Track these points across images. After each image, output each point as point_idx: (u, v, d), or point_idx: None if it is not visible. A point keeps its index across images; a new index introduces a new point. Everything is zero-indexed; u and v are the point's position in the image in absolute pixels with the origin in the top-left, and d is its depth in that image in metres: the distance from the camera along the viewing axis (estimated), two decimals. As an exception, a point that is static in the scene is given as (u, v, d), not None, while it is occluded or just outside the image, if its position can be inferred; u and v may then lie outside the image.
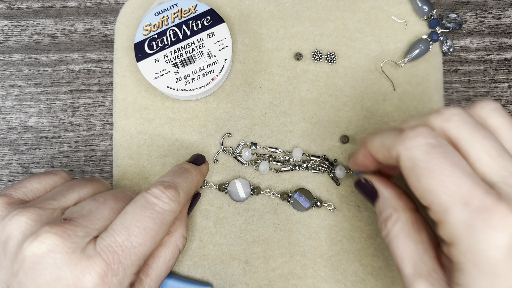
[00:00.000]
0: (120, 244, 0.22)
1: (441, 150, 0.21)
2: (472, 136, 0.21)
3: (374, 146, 0.25)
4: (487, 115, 0.23)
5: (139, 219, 0.23)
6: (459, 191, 0.19)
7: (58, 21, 0.36)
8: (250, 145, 0.34)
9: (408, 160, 0.21)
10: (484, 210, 0.19)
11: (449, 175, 0.20)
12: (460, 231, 0.19)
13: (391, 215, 0.25)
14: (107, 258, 0.21)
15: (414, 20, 0.35)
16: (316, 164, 0.33)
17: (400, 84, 0.34)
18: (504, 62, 0.35)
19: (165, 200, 0.24)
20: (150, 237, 0.23)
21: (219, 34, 0.33)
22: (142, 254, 0.23)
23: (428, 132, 0.21)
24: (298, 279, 0.33)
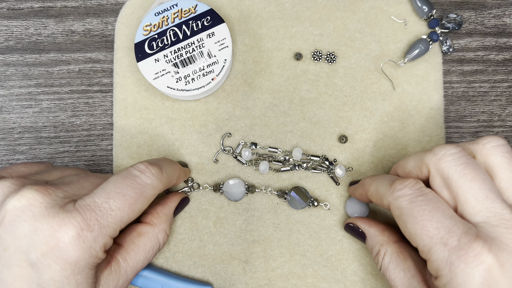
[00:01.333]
0: (99, 205, 0.23)
1: (424, 198, 0.23)
2: (461, 178, 0.23)
3: (370, 191, 0.28)
4: (488, 152, 0.24)
5: (119, 186, 0.24)
6: (438, 232, 0.22)
7: (58, 21, 0.36)
8: (250, 145, 0.34)
9: (397, 209, 0.24)
10: (460, 248, 0.21)
11: (429, 219, 0.23)
12: (441, 267, 0.22)
13: (380, 251, 0.28)
14: (84, 214, 0.22)
15: (414, 20, 0.35)
16: (316, 164, 0.34)
17: (400, 84, 0.34)
18: (503, 62, 0.35)
19: (148, 174, 0.25)
20: (129, 204, 0.24)
21: (219, 34, 0.33)
22: (119, 218, 0.23)
23: (413, 184, 0.24)
24: (298, 278, 0.33)
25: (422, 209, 0.23)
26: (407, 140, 0.34)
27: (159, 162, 0.28)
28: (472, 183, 0.23)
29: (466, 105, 0.35)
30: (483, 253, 0.21)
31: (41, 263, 0.21)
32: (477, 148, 0.25)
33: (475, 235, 0.21)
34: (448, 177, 0.24)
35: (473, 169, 0.23)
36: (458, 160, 0.24)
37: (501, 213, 0.22)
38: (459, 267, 0.21)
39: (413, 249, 0.28)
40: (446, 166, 0.24)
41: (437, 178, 0.24)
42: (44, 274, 0.21)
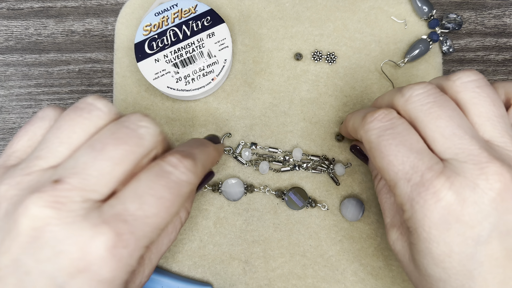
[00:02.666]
0: (132, 213, 0.19)
1: (392, 131, 0.23)
2: (427, 117, 0.23)
3: (349, 126, 0.28)
4: (458, 88, 0.24)
5: (153, 187, 0.20)
6: (403, 168, 0.22)
7: (58, 21, 0.36)
8: (250, 145, 0.34)
9: (367, 143, 0.24)
10: (422, 184, 0.21)
11: (395, 154, 0.22)
12: (404, 202, 0.22)
13: (377, 174, 0.29)
14: (117, 228, 0.19)
15: (414, 21, 0.35)
16: (316, 164, 0.34)
17: (400, 84, 0.34)
18: (503, 62, 0.35)
19: (182, 169, 0.21)
20: (165, 208, 0.20)
21: (219, 34, 0.33)
22: (156, 225, 0.20)
23: (384, 116, 0.24)
24: (298, 279, 0.33)
25: (388, 143, 0.23)
26: (407, 140, 0.34)
27: (191, 151, 0.23)
28: (438, 121, 0.22)
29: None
30: (442, 190, 0.21)
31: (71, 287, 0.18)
32: (447, 85, 0.24)
33: (439, 171, 0.21)
34: (415, 117, 0.23)
35: (439, 107, 0.23)
36: (424, 99, 0.23)
37: (470, 149, 0.21)
38: (419, 203, 0.21)
39: None
40: (412, 107, 0.23)
41: (406, 119, 0.24)
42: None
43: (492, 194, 0.20)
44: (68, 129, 0.21)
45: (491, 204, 0.20)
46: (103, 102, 0.21)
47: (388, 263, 0.33)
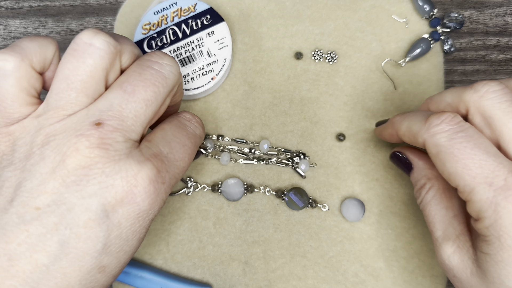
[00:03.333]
0: (166, 155, 0.22)
1: (464, 134, 0.22)
2: (506, 116, 0.22)
3: (402, 130, 0.26)
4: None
5: (178, 135, 0.23)
6: (482, 172, 0.21)
7: (57, 20, 0.35)
8: (217, 137, 0.33)
9: (434, 147, 0.23)
10: (508, 188, 0.20)
11: (471, 158, 0.21)
12: (485, 209, 0.21)
13: (425, 184, 0.26)
14: (157, 165, 0.21)
15: (415, 20, 0.35)
16: (281, 158, 0.33)
17: (401, 83, 0.34)
18: (505, 62, 0.35)
19: (196, 124, 0.25)
20: (188, 154, 0.23)
21: (219, 33, 0.32)
22: (182, 168, 0.23)
23: (451, 119, 0.22)
24: (299, 280, 0.33)
25: (462, 146, 0.21)
26: (408, 140, 0.34)
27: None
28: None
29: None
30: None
31: (111, 221, 0.19)
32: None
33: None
34: (491, 115, 0.22)
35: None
36: (502, 97, 0.22)
37: None
38: (506, 208, 0.20)
39: None
40: (489, 104, 0.22)
41: (478, 116, 0.23)
42: (112, 232, 0.19)
43: None
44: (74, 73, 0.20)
45: None
46: (101, 40, 0.20)
47: (389, 264, 0.32)
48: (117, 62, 0.21)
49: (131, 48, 0.22)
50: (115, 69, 0.21)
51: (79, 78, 0.20)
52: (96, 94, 0.21)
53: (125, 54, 0.22)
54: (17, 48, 0.20)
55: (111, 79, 0.22)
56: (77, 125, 0.19)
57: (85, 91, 0.20)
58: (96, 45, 0.20)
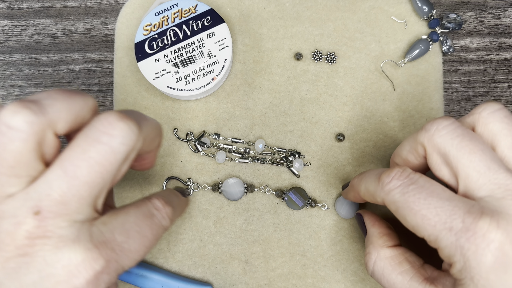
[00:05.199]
0: (119, 244, 0.20)
1: (415, 186, 0.22)
2: (459, 151, 0.22)
3: (361, 191, 0.26)
4: (486, 120, 0.23)
5: (141, 225, 0.22)
6: (440, 219, 0.21)
7: (58, 21, 0.36)
8: (213, 135, 0.34)
9: (391, 204, 0.23)
10: (467, 230, 0.20)
11: (427, 207, 0.21)
12: (453, 253, 0.21)
13: (370, 253, 0.27)
14: (106, 255, 0.19)
15: (414, 20, 0.35)
16: (276, 158, 0.34)
17: (400, 84, 0.34)
18: (503, 62, 0.35)
19: (164, 215, 0.23)
20: (145, 246, 0.22)
21: (219, 34, 0.33)
22: (134, 260, 0.21)
23: (400, 174, 0.23)
24: (298, 278, 0.33)
25: (416, 198, 0.22)
26: (407, 140, 0.34)
27: (171, 199, 0.25)
28: (472, 156, 0.21)
29: (466, 105, 0.35)
30: (491, 230, 0.19)
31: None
32: (474, 119, 0.23)
33: (480, 212, 0.20)
34: (445, 152, 0.22)
35: (470, 140, 0.22)
36: (453, 132, 0.22)
37: (506, 183, 0.21)
38: (470, 250, 0.20)
39: (410, 251, 0.27)
40: (442, 141, 0.22)
41: (434, 155, 0.23)
42: None
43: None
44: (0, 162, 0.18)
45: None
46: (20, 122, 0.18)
47: (388, 263, 0.33)
48: (49, 135, 0.19)
49: (66, 114, 0.19)
50: (48, 143, 0.19)
51: (5, 164, 0.18)
52: (31, 172, 0.19)
53: (59, 123, 0.19)
54: None
55: (48, 152, 0.20)
56: (15, 211, 0.18)
57: (15, 174, 0.18)
58: (16, 127, 0.18)
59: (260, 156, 0.34)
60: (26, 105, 0.18)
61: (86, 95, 0.21)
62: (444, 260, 0.22)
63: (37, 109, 0.18)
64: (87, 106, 0.21)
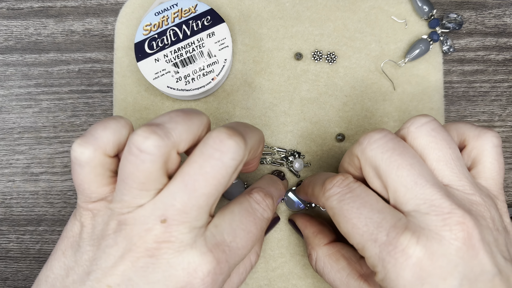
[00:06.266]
0: (228, 243, 0.22)
1: (351, 195, 0.23)
2: (388, 166, 0.22)
3: (308, 193, 0.28)
4: (414, 134, 0.23)
5: (245, 222, 0.23)
6: (368, 229, 0.22)
7: (58, 21, 0.36)
8: None
9: (329, 210, 0.24)
10: (389, 243, 0.21)
11: (358, 217, 0.22)
12: (375, 264, 0.22)
13: (310, 254, 0.29)
14: (218, 257, 0.21)
15: (414, 20, 0.35)
16: (276, 158, 0.34)
17: (400, 84, 0.34)
18: (504, 62, 0.35)
19: (265, 207, 0.25)
20: (251, 241, 0.23)
21: (219, 34, 0.33)
22: (243, 256, 0.23)
23: (341, 181, 0.24)
24: (298, 279, 0.33)
25: (350, 207, 0.23)
26: (407, 140, 0.34)
27: (270, 188, 0.27)
28: (400, 171, 0.22)
29: (466, 105, 0.35)
30: (410, 246, 0.20)
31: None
32: (404, 133, 0.24)
33: (404, 227, 0.21)
34: (376, 166, 0.23)
35: (399, 155, 0.22)
36: (383, 146, 0.23)
37: (431, 199, 0.21)
38: (390, 263, 0.21)
39: (348, 246, 0.28)
40: (373, 155, 0.23)
41: (367, 168, 0.24)
42: None
43: (458, 244, 0.20)
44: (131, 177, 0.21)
45: (458, 254, 0.20)
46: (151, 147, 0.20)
47: (388, 263, 0.33)
48: (173, 154, 0.21)
49: (186, 135, 0.22)
50: (172, 160, 0.22)
51: (136, 181, 0.21)
52: (158, 186, 0.21)
53: (181, 144, 0.22)
54: (91, 138, 0.22)
55: (171, 167, 0.22)
56: (145, 219, 0.21)
57: (145, 188, 0.21)
58: (147, 151, 0.20)
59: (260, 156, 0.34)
60: (154, 131, 0.20)
61: (202, 114, 0.23)
62: (370, 267, 0.23)
63: (163, 134, 0.21)
64: (203, 125, 0.23)
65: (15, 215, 0.35)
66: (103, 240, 0.21)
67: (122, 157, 0.21)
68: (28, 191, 0.35)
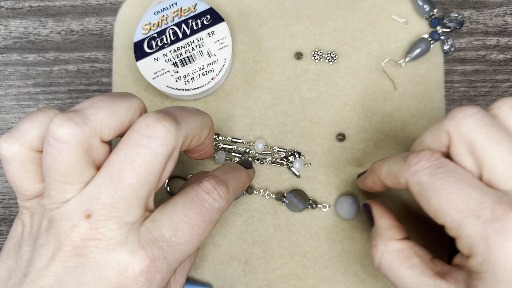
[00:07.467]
0: (167, 239, 0.20)
1: (445, 169, 0.21)
2: (487, 141, 0.21)
3: (383, 173, 0.26)
4: (506, 114, 0.22)
5: (189, 214, 0.21)
6: (468, 205, 0.20)
7: (57, 20, 0.35)
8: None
9: (416, 185, 0.22)
10: (496, 220, 0.19)
11: (456, 192, 0.20)
12: (476, 244, 0.20)
13: (377, 245, 0.26)
14: (152, 254, 0.20)
15: (415, 20, 0.35)
16: (276, 158, 0.33)
17: (401, 83, 0.34)
18: (505, 62, 0.35)
19: (215, 197, 0.23)
20: (197, 235, 0.22)
21: (219, 33, 0.32)
22: (187, 251, 0.21)
23: (430, 155, 0.22)
24: (299, 280, 0.33)
25: (445, 181, 0.21)
26: (408, 140, 0.34)
27: (225, 177, 0.24)
28: (500, 146, 0.21)
29: (467, 105, 0.35)
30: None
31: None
32: (495, 113, 0.23)
33: (509, 204, 0.19)
34: (472, 141, 0.21)
35: (498, 131, 0.21)
36: (480, 121, 0.21)
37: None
38: (497, 241, 0.19)
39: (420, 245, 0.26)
40: (468, 129, 0.21)
41: (459, 144, 0.22)
42: None
43: None
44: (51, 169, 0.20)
45: None
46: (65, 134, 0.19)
47: (389, 263, 0.32)
48: (95, 143, 0.20)
49: (110, 121, 0.20)
50: (96, 150, 0.20)
51: (58, 174, 0.19)
52: (84, 179, 0.20)
53: (103, 130, 0.20)
54: (16, 133, 0.21)
55: (98, 158, 0.20)
56: (70, 214, 0.20)
57: (69, 181, 0.20)
58: (62, 139, 0.19)
59: (260, 156, 0.33)
60: (70, 117, 0.19)
61: (131, 97, 0.21)
62: (462, 251, 0.21)
63: (80, 120, 0.19)
64: (132, 109, 0.21)
65: (14, 215, 0.34)
66: (37, 239, 0.20)
67: (43, 149, 0.20)
68: (26, 191, 0.35)
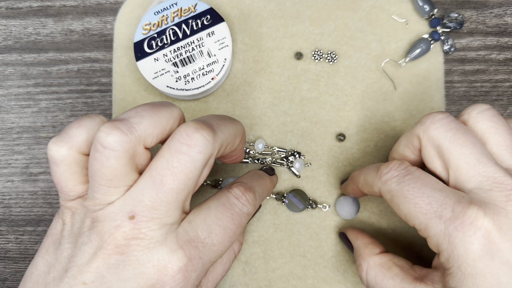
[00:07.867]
0: (202, 240, 0.22)
1: (411, 176, 0.23)
2: (451, 144, 0.23)
3: (360, 183, 0.28)
4: (475, 119, 0.24)
5: (221, 217, 0.23)
6: (431, 207, 0.22)
7: (57, 20, 0.35)
8: None
9: (387, 193, 0.24)
10: (456, 218, 0.21)
11: (420, 196, 0.22)
12: (441, 242, 0.21)
13: (361, 264, 0.28)
14: (189, 253, 0.21)
15: (415, 20, 0.35)
16: (276, 158, 0.33)
17: (401, 83, 0.34)
18: (505, 62, 0.35)
19: (244, 202, 0.25)
20: (228, 237, 0.23)
21: (219, 33, 0.32)
22: (219, 252, 0.23)
23: (398, 165, 0.24)
24: (299, 280, 0.33)
25: (411, 187, 0.23)
26: (408, 140, 0.34)
27: (252, 183, 0.26)
28: (463, 148, 0.22)
29: (467, 105, 0.35)
30: (478, 218, 0.20)
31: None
32: (464, 119, 0.24)
33: (469, 202, 0.21)
34: (439, 144, 0.23)
35: (463, 134, 0.23)
36: (447, 125, 0.23)
37: (494, 176, 0.22)
38: (457, 237, 0.21)
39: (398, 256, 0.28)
40: (436, 133, 0.23)
41: (428, 147, 0.24)
42: None
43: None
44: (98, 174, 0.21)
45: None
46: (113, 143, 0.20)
47: (389, 263, 0.32)
48: (139, 150, 0.21)
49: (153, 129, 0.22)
50: (140, 156, 0.22)
51: (104, 178, 0.21)
52: (127, 182, 0.21)
53: (147, 138, 0.21)
54: (65, 136, 0.22)
55: (140, 163, 0.22)
56: (115, 215, 0.21)
57: (114, 185, 0.21)
58: (110, 147, 0.20)
59: (260, 157, 0.33)
60: (117, 126, 0.20)
61: (171, 107, 0.23)
62: (433, 249, 0.23)
63: (127, 129, 0.21)
64: (173, 118, 0.22)
65: (14, 215, 0.34)
66: (79, 237, 0.22)
67: (90, 154, 0.21)
68: (27, 191, 0.35)
